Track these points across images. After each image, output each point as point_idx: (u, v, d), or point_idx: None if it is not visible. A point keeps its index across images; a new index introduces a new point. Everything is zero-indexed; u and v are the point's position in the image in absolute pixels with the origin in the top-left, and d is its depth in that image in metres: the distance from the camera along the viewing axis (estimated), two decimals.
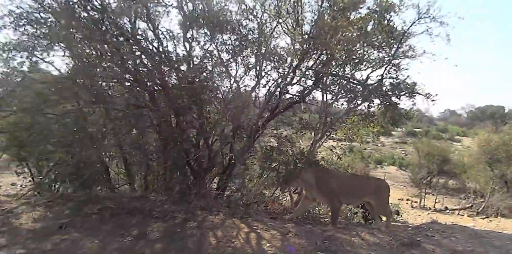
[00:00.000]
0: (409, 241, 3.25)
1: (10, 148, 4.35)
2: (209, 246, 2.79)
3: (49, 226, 3.00)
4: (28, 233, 2.89)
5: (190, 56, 4.66)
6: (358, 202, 4.45)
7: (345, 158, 6.99)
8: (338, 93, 5.53)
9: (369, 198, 4.03)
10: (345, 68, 5.37)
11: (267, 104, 4.98)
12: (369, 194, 3.99)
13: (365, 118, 5.08)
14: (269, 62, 5.12)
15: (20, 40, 4.22)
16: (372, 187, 4.03)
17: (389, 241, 3.24)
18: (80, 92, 3.81)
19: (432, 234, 3.72)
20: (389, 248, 3.08)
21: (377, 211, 4.10)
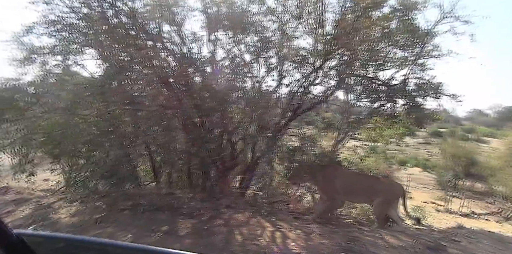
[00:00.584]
0: (434, 245, 3.20)
1: (44, 146, 4.62)
2: (235, 243, 2.87)
3: (85, 220, 3.18)
4: (66, 227, 3.08)
5: (214, 57, 4.78)
6: (367, 202, 4.38)
7: (368, 158, 6.90)
8: (361, 93, 5.47)
9: (375, 198, 3.99)
10: (368, 68, 5.30)
11: (289, 104, 5.02)
12: (377, 196, 3.93)
13: (389, 119, 4.98)
14: (291, 62, 5.15)
15: (55, 45, 4.50)
16: (382, 188, 3.95)
17: (413, 244, 3.20)
18: (111, 94, 4.00)
19: (458, 239, 3.63)
20: (413, 252, 3.04)
21: (374, 211, 4.02)
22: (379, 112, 5.36)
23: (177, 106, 4.13)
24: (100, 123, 4.03)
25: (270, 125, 4.66)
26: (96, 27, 4.37)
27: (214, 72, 4.67)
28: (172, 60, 4.42)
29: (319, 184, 3.97)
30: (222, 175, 4.23)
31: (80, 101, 4.19)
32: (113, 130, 3.85)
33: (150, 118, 3.87)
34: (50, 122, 4.42)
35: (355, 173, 4.51)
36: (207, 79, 4.51)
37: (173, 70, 4.35)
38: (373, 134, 6.06)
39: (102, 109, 4.19)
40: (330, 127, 5.28)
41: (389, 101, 5.15)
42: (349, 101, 5.71)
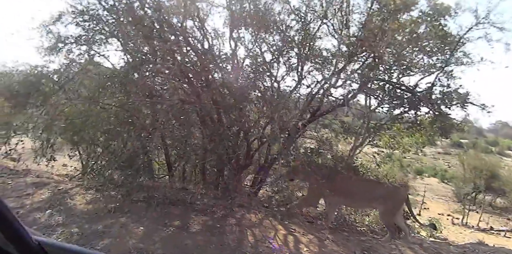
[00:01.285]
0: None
1: (65, 132, 4.73)
2: (248, 244, 2.83)
3: (100, 209, 3.22)
4: (81, 213, 3.12)
5: (235, 55, 4.74)
6: (364, 206, 4.22)
7: (384, 166, 6.71)
8: (383, 99, 5.31)
9: (376, 204, 3.79)
10: (393, 73, 5.13)
11: (308, 106, 4.93)
12: (375, 200, 3.74)
13: (412, 126, 4.80)
14: (312, 63, 5.05)
15: (80, 35, 4.59)
16: (380, 192, 3.73)
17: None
18: (132, 85, 4.03)
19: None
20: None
21: (382, 220, 3.84)
22: (400, 119, 5.20)
23: (196, 101, 4.11)
24: (119, 113, 4.07)
25: (288, 126, 4.59)
26: (121, 18, 4.44)
27: (234, 70, 4.63)
28: (193, 55, 4.41)
29: (312, 183, 3.84)
30: (236, 173, 4.19)
31: (102, 91, 4.25)
32: (132, 121, 3.87)
33: (168, 111, 3.87)
34: (72, 109, 4.52)
35: (353, 176, 4.22)
36: (227, 76, 4.47)
37: (193, 65, 4.34)
38: (392, 141, 5.89)
39: (122, 100, 4.25)
40: (348, 131, 5.14)
41: (412, 108, 4.98)
42: (369, 106, 5.56)
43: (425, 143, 6.21)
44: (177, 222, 3.09)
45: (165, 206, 3.37)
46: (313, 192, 3.86)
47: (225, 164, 3.91)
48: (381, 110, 5.47)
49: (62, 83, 4.64)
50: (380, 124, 5.33)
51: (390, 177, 6.03)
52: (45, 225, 2.84)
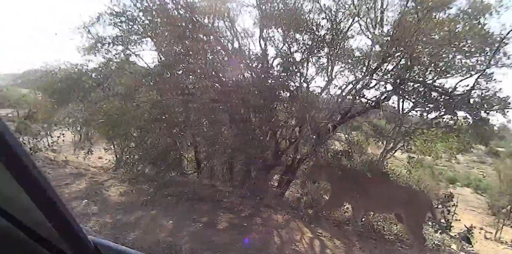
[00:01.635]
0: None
1: (101, 127, 4.97)
2: (274, 245, 2.82)
3: (132, 201, 3.35)
4: (115, 205, 3.26)
5: (265, 54, 4.73)
6: (385, 211, 4.00)
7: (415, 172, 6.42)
8: (417, 101, 5.08)
9: (398, 210, 3.59)
10: (428, 74, 4.89)
11: (338, 107, 4.82)
12: (396, 205, 3.56)
13: (449, 132, 4.55)
14: (344, 63, 4.94)
15: (117, 35, 4.81)
16: (402, 198, 3.54)
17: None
18: (165, 84, 4.15)
19: None
20: None
21: (407, 229, 3.64)
22: (436, 123, 4.95)
23: (226, 100, 4.16)
24: (153, 110, 4.21)
25: (317, 127, 4.52)
26: (155, 19, 4.59)
27: (264, 69, 4.63)
28: (224, 55, 4.46)
29: (334, 186, 3.74)
30: (263, 173, 4.20)
31: (136, 89, 4.43)
32: (164, 118, 3.99)
33: (200, 110, 3.95)
34: (109, 106, 4.74)
35: (371, 179, 4.00)
36: (257, 76, 4.48)
37: (224, 65, 4.39)
38: (425, 147, 5.63)
39: (155, 97, 4.39)
40: (380, 135, 4.97)
41: (448, 113, 4.72)
42: (402, 109, 5.34)
43: (460, 150, 5.87)
44: (205, 219, 3.15)
45: (194, 202, 3.44)
46: (336, 194, 3.79)
47: (254, 164, 3.92)
48: (415, 114, 5.26)
49: (100, 81, 4.88)
50: (413, 128, 5.12)
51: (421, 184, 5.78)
52: (81, 214, 3.01)
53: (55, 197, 0.53)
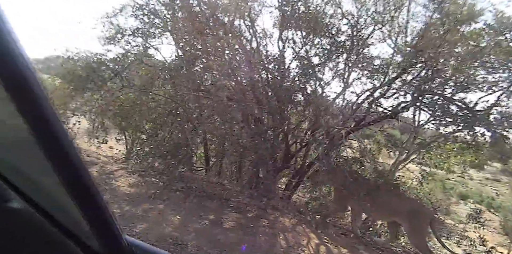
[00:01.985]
0: None
1: (114, 117, 5.02)
2: (280, 248, 2.78)
3: (141, 193, 3.36)
4: (124, 196, 3.28)
5: (283, 56, 4.71)
6: (385, 218, 3.94)
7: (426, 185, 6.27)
8: (435, 114, 4.96)
9: (399, 220, 3.56)
10: (448, 88, 4.78)
11: (353, 114, 4.76)
12: (397, 215, 3.52)
13: (467, 147, 4.43)
14: (362, 70, 4.88)
15: (138, 27, 4.87)
16: (403, 208, 3.49)
17: None
18: (181, 79, 4.17)
19: None
20: None
21: (410, 241, 3.57)
22: (454, 137, 4.83)
23: (241, 99, 4.15)
24: (167, 104, 4.23)
25: (330, 132, 4.47)
26: (176, 13, 4.62)
27: (281, 71, 4.61)
28: (242, 54, 4.46)
29: (337, 188, 3.72)
30: (272, 175, 4.16)
31: (152, 82, 4.46)
32: (178, 113, 4.01)
33: (214, 107, 3.95)
34: (125, 97, 4.79)
35: (378, 185, 3.88)
36: (273, 77, 4.47)
37: (241, 64, 4.38)
38: (439, 160, 5.50)
39: (171, 91, 4.41)
40: (394, 145, 4.87)
41: (466, 128, 4.60)
42: (418, 121, 5.23)
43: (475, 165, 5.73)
44: (212, 216, 3.13)
45: (202, 198, 3.44)
46: (338, 197, 3.75)
47: (263, 165, 3.89)
48: (431, 126, 5.15)
49: (117, 71, 4.94)
50: (429, 141, 5.01)
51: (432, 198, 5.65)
52: None
53: (96, 193, 0.51)
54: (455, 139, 4.76)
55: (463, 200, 10.36)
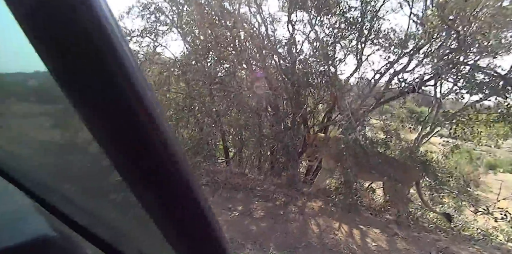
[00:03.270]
0: None
1: None
2: (313, 234, 2.77)
3: None
4: None
5: (293, 39, 4.57)
6: (375, 180, 4.00)
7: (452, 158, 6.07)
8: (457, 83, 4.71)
9: (384, 179, 3.60)
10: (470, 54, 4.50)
11: (371, 91, 4.61)
12: (387, 174, 3.50)
13: (501, 116, 4.20)
14: (377, 46, 4.67)
15: (145, 27, 4.84)
16: (392, 166, 3.53)
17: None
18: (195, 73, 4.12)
19: None
20: None
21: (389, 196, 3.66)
22: (487, 108, 4.58)
23: (257, 87, 4.08)
24: (185, 100, 4.23)
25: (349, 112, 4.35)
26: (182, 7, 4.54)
27: (293, 54, 4.49)
28: (252, 41, 4.36)
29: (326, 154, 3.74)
30: (294, 161, 4.12)
31: (167, 80, 4.45)
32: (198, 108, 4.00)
33: (230, 98, 3.91)
34: None
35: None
36: (285, 61, 4.37)
37: (252, 51, 4.30)
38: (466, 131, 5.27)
39: (186, 88, 4.39)
40: (417, 120, 4.70)
41: (495, 95, 4.34)
42: (441, 92, 5.00)
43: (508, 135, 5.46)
44: (240, 207, 3.15)
45: (227, 190, 3.45)
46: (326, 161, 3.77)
47: (285, 151, 3.85)
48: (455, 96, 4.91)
49: None
50: (452, 112, 4.80)
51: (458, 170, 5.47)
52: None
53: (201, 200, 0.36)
54: (487, 110, 4.53)
55: (491, 170, 10.01)
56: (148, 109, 0.29)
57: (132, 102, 0.29)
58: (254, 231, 2.71)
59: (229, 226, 2.77)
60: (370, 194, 4.31)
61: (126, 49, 0.28)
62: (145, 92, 0.29)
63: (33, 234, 0.40)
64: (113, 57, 0.27)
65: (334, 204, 3.41)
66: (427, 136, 5.16)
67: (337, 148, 3.48)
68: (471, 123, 4.88)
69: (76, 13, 0.25)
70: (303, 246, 2.55)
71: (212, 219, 0.37)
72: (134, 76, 0.28)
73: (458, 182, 4.73)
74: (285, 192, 3.56)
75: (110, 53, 0.27)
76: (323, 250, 2.53)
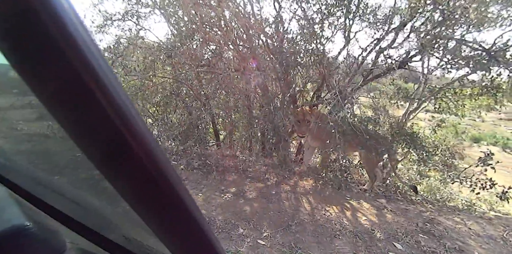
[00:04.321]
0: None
1: None
2: (305, 211, 2.85)
3: None
4: None
5: (280, 18, 4.45)
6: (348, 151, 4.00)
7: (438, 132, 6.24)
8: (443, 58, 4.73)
9: (359, 151, 3.69)
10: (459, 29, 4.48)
11: (359, 69, 4.60)
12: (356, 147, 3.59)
13: (487, 90, 4.27)
14: (364, 21, 4.61)
15: (127, 10, 4.60)
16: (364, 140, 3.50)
17: (504, 236, 2.86)
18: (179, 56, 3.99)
19: None
20: (504, 244, 2.72)
21: (364, 167, 3.76)
22: (471, 82, 4.65)
23: (244, 68, 4.01)
24: (171, 85, 4.13)
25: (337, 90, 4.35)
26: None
27: (280, 33, 4.39)
28: (236, 20, 4.22)
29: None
30: (284, 141, 4.15)
31: (153, 64, 4.31)
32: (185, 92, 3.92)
33: (218, 80, 3.84)
34: (126, 84, 4.67)
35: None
36: (272, 41, 4.28)
37: (238, 31, 4.17)
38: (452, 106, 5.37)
39: (172, 72, 4.28)
40: (404, 96, 4.75)
41: (480, 69, 4.39)
42: (428, 68, 5.02)
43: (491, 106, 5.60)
44: (233, 189, 3.19)
45: (219, 173, 3.47)
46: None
47: (275, 132, 3.86)
48: (442, 72, 4.95)
49: (112, 59, 4.77)
50: (441, 87, 4.86)
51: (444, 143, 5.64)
52: None
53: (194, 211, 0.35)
54: (471, 84, 4.60)
55: (475, 143, 10.36)
56: (115, 101, 0.27)
57: (98, 94, 0.27)
58: (247, 211, 2.77)
59: (223, 208, 2.82)
60: (360, 171, 4.43)
61: (88, 42, 0.26)
62: (113, 86, 0.27)
63: (7, 223, 0.39)
64: (73, 51, 0.25)
65: (325, 182, 3.49)
66: (414, 112, 5.26)
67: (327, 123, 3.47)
68: (456, 97, 4.97)
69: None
70: (296, 224, 2.63)
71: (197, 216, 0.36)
72: (99, 70, 0.26)
73: (444, 155, 4.89)
74: (276, 172, 3.61)
75: (70, 48, 0.25)
76: (315, 227, 2.62)
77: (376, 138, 3.72)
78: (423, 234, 2.68)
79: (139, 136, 0.29)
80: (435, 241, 2.61)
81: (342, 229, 2.63)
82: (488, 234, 2.86)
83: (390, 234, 2.63)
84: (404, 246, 2.49)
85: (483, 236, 2.80)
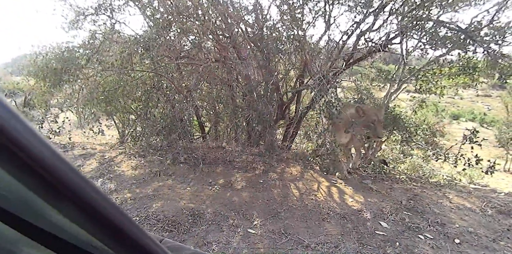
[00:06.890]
0: (507, 210, 2.97)
1: (99, 103, 4.80)
2: (293, 198, 2.89)
3: (146, 173, 3.37)
4: (130, 179, 3.29)
5: (259, 4, 4.35)
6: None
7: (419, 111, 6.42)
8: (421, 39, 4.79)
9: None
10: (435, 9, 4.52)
11: (340, 53, 4.60)
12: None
13: (464, 70, 4.36)
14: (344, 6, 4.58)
15: (100, 4, 4.38)
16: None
17: (482, 207, 3.00)
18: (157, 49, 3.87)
19: None
20: (483, 215, 2.86)
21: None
22: (449, 62, 4.74)
23: (225, 58, 3.94)
24: (151, 79, 4.03)
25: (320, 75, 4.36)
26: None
27: (260, 21, 4.31)
28: (214, 9, 4.10)
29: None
30: (269, 128, 4.16)
31: (131, 58, 4.16)
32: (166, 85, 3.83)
33: (199, 71, 3.76)
34: (105, 80, 4.53)
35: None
36: (252, 29, 4.20)
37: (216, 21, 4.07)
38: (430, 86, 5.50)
39: (150, 65, 4.16)
40: (385, 78, 4.82)
41: (456, 48, 4.47)
42: (407, 49, 5.08)
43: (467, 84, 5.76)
44: (221, 181, 3.19)
45: (206, 165, 3.47)
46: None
47: (259, 120, 3.85)
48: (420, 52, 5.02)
49: (89, 55, 4.58)
50: (420, 68, 4.94)
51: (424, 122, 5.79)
52: None
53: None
54: (449, 64, 4.69)
55: (455, 120, 10.69)
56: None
57: None
58: (236, 202, 2.79)
59: (212, 200, 2.83)
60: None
61: None
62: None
63: None
64: None
65: (312, 167, 3.55)
66: (396, 93, 5.35)
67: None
68: (435, 77, 5.07)
69: None
70: (285, 210, 2.67)
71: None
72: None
73: (425, 134, 5.02)
74: (263, 160, 3.63)
75: None
76: (304, 212, 2.67)
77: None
78: (407, 211, 2.78)
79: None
80: (419, 217, 2.72)
81: (330, 212, 2.69)
82: (468, 206, 3.00)
83: (376, 214, 2.71)
84: (390, 224, 2.59)
85: (463, 209, 2.93)
